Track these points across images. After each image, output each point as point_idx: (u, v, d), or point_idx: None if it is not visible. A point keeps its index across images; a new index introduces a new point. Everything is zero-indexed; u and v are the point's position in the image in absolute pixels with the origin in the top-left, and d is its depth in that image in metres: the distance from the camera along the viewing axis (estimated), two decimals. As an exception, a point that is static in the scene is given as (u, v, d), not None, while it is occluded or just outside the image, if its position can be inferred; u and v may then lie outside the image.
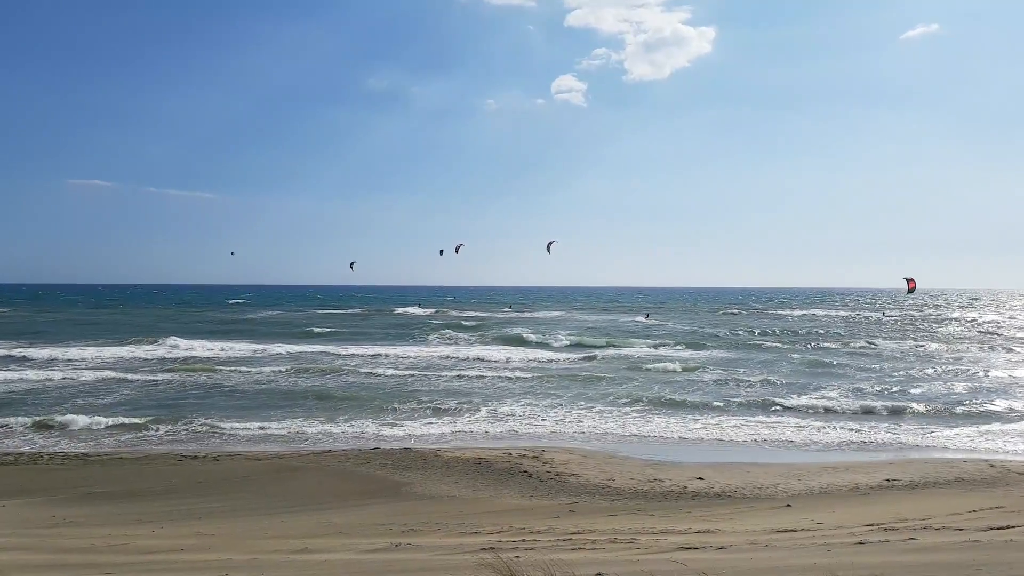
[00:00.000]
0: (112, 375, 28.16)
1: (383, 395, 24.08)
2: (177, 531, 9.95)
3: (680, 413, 21.23)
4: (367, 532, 9.64)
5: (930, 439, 17.90)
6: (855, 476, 13.88)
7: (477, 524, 9.97)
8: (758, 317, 73.26)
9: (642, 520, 10.15)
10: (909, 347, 41.16)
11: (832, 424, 19.62)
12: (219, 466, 15.10)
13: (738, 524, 9.66)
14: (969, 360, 34.85)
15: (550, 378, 28.08)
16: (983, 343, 43.77)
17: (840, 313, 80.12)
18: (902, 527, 8.93)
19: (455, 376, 28.64)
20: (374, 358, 34.98)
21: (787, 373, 29.94)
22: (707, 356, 36.71)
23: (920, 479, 13.54)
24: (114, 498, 12.63)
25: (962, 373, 29.92)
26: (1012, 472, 13.85)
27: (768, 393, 24.66)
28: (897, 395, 24.53)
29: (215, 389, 25.39)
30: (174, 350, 37.25)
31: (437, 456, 15.70)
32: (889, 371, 30.70)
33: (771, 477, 13.88)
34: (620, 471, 14.47)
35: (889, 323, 63.15)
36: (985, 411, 21.43)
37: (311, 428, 19.14)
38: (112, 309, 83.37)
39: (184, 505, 12.08)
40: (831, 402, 22.73)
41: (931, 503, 11.08)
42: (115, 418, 19.68)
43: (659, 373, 30.01)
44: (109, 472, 14.72)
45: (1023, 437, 17.96)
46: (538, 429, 19.18)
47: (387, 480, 13.77)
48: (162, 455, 16.33)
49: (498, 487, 13.32)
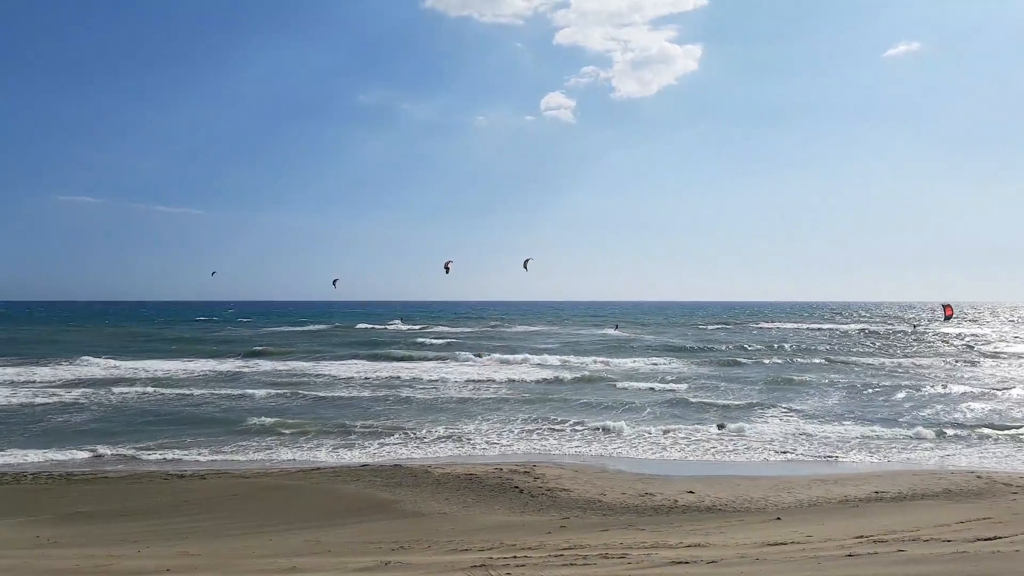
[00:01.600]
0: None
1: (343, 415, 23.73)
2: (162, 551, 9.82)
3: (635, 423, 21.34)
4: (356, 550, 9.56)
5: (917, 452, 17.98)
6: (844, 488, 13.93)
7: (468, 541, 9.92)
8: (736, 331, 73.48)
9: (633, 535, 10.13)
10: (892, 362, 41.41)
11: (801, 443, 19.57)
12: (205, 484, 14.95)
13: (729, 538, 9.65)
14: (949, 373, 35.14)
15: (504, 395, 27.88)
16: (963, 357, 44.06)
17: (824, 327, 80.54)
18: (891, 539, 8.95)
19: (408, 393, 28.07)
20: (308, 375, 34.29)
21: (753, 386, 30.07)
22: (665, 366, 37.61)
23: (908, 491, 13.60)
24: (99, 518, 12.47)
25: (944, 386, 30.12)
26: (998, 483, 13.94)
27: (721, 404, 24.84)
28: (877, 407, 24.67)
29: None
30: (83, 368, 35.63)
31: (427, 472, 15.62)
32: (866, 385, 30.86)
33: (761, 490, 13.90)
34: (611, 485, 14.44)
35: (884, 337, 63.54)
36: (970, 423, 21.57)
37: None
38: (50, 326, 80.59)
39: (170, 524, 11.94)
40: (802, 416, 22.78)
41: (919, 515, 11.12)
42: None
43: (607, 386, 30.08)
44: (94, 491, 14.53)
45: (1008, 448, 18.09)
46: (500, 447, 19.12)
47: (377, 497, 13.67)
48: (147, 473, 16.16)
49: (489, 503, 13.26)
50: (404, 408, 24.81)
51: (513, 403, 25.64)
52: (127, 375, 33.72)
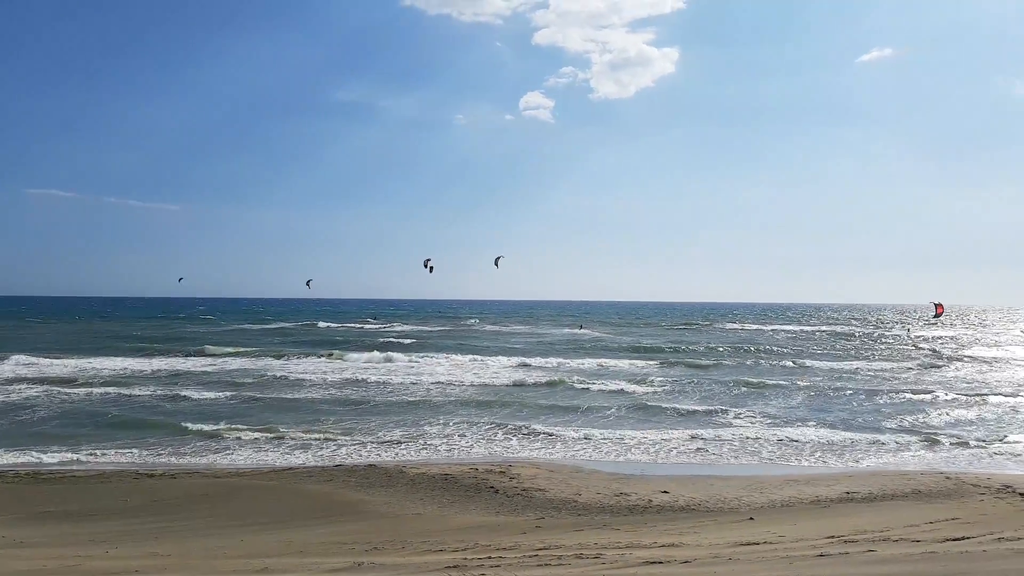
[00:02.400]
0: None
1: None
2: (132, 551, 9.68)
3: (598, 426, 21.33)
4: (329, 551, 9.48)
5: (886, 453, 18.22)
6: (815, 489, 14.07)
7: (443, 541, 9.88)
8: (705, 331, 74.12)
9: (608, 535, 10.15)
10: (859, 365, 41.94)
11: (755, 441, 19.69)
12: (176, 484, 14.76)
13: (702, 538, 9.71)
14: (916, 376, 35.68)
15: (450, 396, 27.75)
16: (929, 360, 44.72)
17: (796, 328, 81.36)
18: (861, 539, 9.06)
19: (362, 394, 27.83)
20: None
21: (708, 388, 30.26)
22: (614, 366, 38.07)
23: (879, 491, 13.77)
24: (67, 517, 12.25)
25: (911, 389, 30.58)
26: (967, 484, 14.16)
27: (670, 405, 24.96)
28: (844, 409, 24.99)
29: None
30: (21, 368, 34.27)
31: (402, 472, 15.54)
32: (832, 388, 31.25)
33: (734, 490, 14.00)
34: (586, 485, 14.47)
35: (853, 338, 64.30)
36: (938, 425, 21.92)
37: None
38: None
39: (139, 524, 11.77)
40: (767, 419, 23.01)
41: (889, 515, 11.26)
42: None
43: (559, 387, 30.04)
44: (62, 491, 14.27)
45: (977, 450, 18.39)
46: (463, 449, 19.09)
47: (350, 497, 13.58)
48: (117, 472, 15.91)
49: (464, 503, 13.22)
50: (354, 409, 24.48)
51: (472, 404, 25.34)
52: (69, 374, 32.31)
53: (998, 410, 24.34)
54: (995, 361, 42.21)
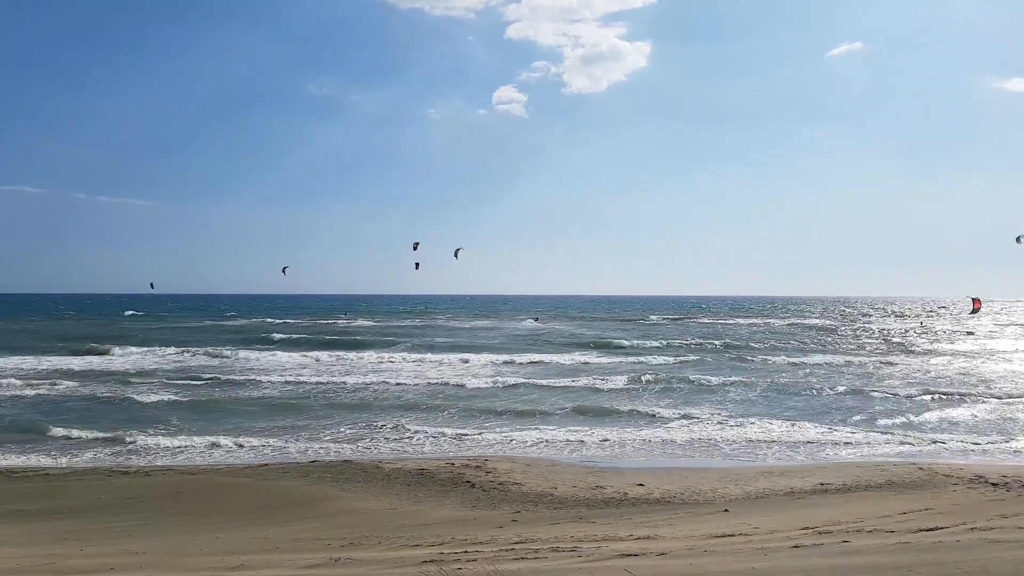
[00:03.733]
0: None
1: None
2: (106, 549, 9.55)
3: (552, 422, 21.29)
4: (305, 547, 9.42)
5: (860, 445, 18.45)
6: (790, 480, 14.22)
7: (419, 536, 9.85)
8: (675, 326, 74.76)
9: (584, 528, 10.18)
10: (832, 358, 42.45)
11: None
12: (151, 480, 14.59)
13: (678, 530, 9.77)
14: (889, 369, 36.16)
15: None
16: (902, 350, 45.39)
17: (765, 321, 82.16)
18: (836, 530, 9.17)
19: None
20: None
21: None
22: (585, 361, 38.35)
23: (852, 482, 13.94)
24: (39, 516, 12.04)
25: (886, 380, 31.02)
26: (939, 475, 14.38)
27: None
28: (814, 401, 25.29)
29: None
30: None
31: (378, 468, 15.48)
32: (801, 380, 31.60)
33: (709, 482, 14.11)
34: (562, 479, 14.51)
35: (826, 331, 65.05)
36: (914, 416, 22.23)
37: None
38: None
39: (114, 522, 11.61)
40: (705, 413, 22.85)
41: (863, 506, 11.41)
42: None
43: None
44: (34, 488, 14.05)
45: (949, 441, 18.68)
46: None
47: (326, 493, 13.50)
48: (90, 470, 15.70)
49: (440, 498, 13.20)
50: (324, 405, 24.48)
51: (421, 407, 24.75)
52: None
53: (975, 402, 24.70)
54: (974, 355, 42.71)
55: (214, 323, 76.12)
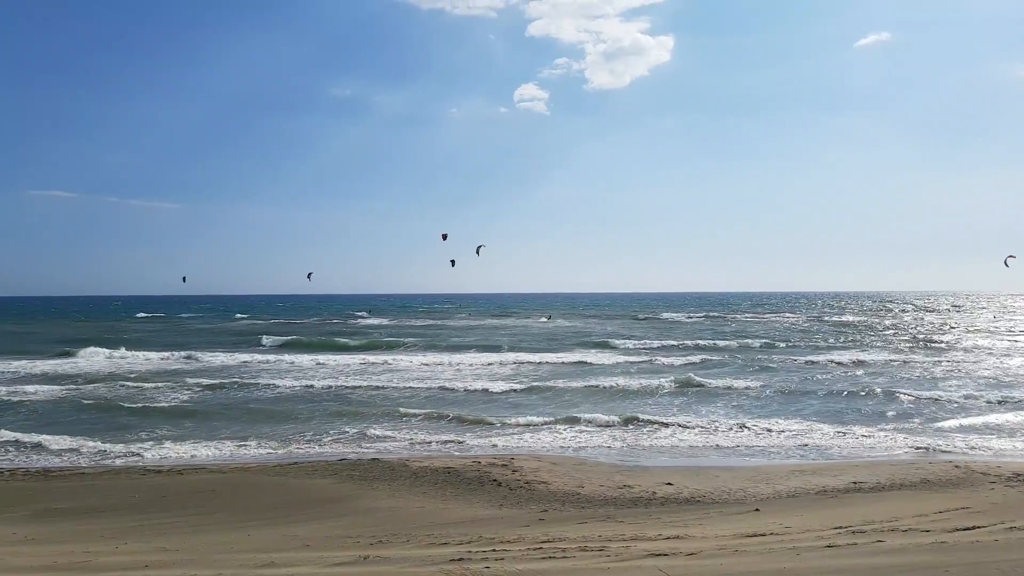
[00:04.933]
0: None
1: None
2: (140, 547, 9.70)
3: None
4: (334, 545, 9.48)
5: (893, 443, 18.14)
6: (822, 479, 14.02)
7: (446, 534, 9.86)
8: (703, 324, 73.58)
9: (612, 527, 10.12)
10: (860, 355, 41.80)
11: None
12: (183, 479, 14.77)
13: (707, 529, 9.67)
14: (921, 366, 35.51)
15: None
16: (924, 348, 44.49)
17: (792, 317, 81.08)
18: (870, 530, 9.01)
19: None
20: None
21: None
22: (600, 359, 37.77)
23: (886, 481, 13.71)
24: (76, 514, 12.28)
25: (916, 377, 30.48)
26: (976, 472, 14.09)
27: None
28: (844, 397, 24.91)
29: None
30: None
31: (405, 466, 15.54)
32: (831, 377, 31.14)
33: (739, 481, 13.96)
34: (589, 478, 14.44)
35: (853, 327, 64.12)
36: (947, 413, 21.82)
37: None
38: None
39: (148, 520, 11.77)
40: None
41: (897, 505, 11.20)
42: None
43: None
44: (71, 487, 14.31)
45: (986, 438, 18.29)
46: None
47: (354, 491, 13.58)
48: (125, 469, 15.96)
49: (467, 496, 13.21)
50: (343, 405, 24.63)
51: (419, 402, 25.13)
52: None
53: (1009, 398, 24.18)
54: (1004, 351, 41.84)
55: (238, 324, 77.18)
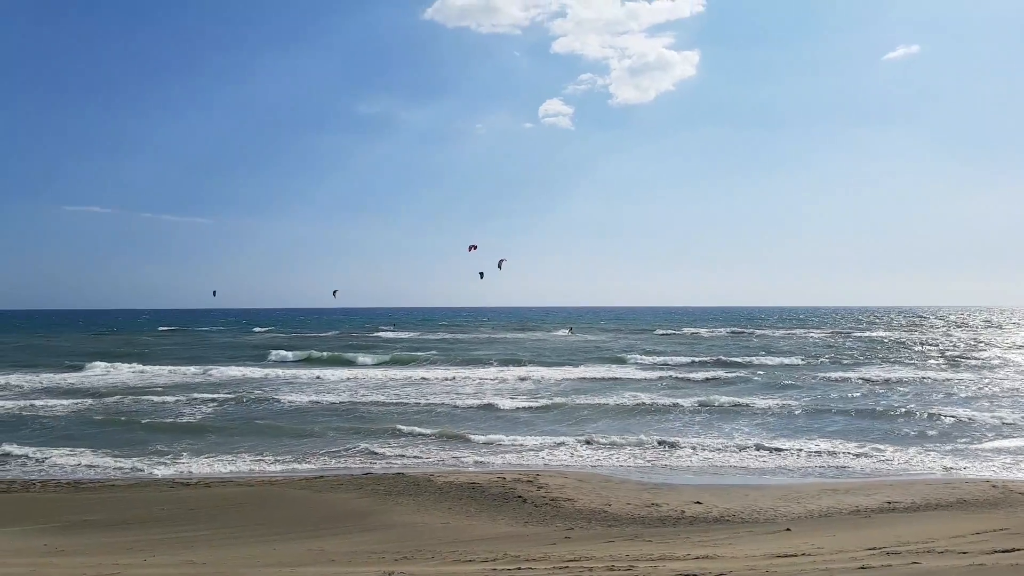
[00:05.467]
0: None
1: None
2: (168, 560, 9.75)
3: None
4: (359, 560, 9.45)
5: (930, 459, 17.73)
6: (855, 499, 13.73)
7: (471, 551, 9.79)
8: (727, 339, 72.84)
9: (640, 546, 9.98)
10: (892, 372, 41.04)
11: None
12: (211, 492, 14.87)
13: (737, 549, 9.50)
14: (953, 384, 34.77)
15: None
16: (959, 365, 43.55)
17: (819, 334, 79.85)
18: (904, 551, 8.78)
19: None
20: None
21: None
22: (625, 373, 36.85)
23: (921, 501, 13.40)
24: (105, 526, 12.41)
25: (947, 395, 29.84)
26: (1015, 493, 13.72)
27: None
28: (878, 416, 24.43)
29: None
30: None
31: (430, 481, 15.49)
32: (863, 394, 30.58)
33: (769, 500, 13.72)
34: (616, 496, 14.28)
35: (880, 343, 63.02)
36: (979, 432, 21.31)
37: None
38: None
39: (175, 533, 11.86)
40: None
41: (933, 526, 10.93)
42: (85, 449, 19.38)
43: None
44: (101, 500, 14.47)
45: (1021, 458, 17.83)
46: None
47: (379, 506, 13.56)
48: (154, 482, 16.11)
49: (492, 512, 13.12)
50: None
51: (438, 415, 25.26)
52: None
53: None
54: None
55: (256, 337, 77.86)
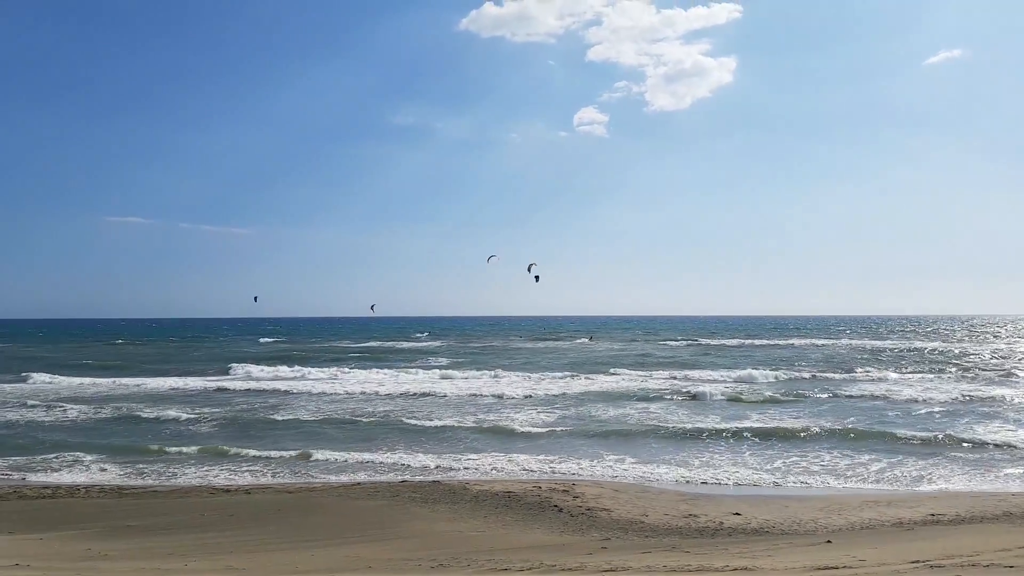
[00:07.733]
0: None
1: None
2: (208, 565, 9.90)
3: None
4: (396, 567, 9.52)
5: (973, 473, 17.30)
6: (898, 511, 13.46)
7: (507, 560, 9.80)
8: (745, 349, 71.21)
9: (677, 557, 9.90)
10: (934, 384, 40.09)
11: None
12: (250, 499, 15.10)
13: (777, 561, 9.37)
14: (1001, 393, 33.84)
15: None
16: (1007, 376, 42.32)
17: (860, 343, 78.28)
18: (949, 564, 8.59)
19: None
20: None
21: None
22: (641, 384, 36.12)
23: (966, 513, 13.08)
24: (147, 531, 12.64)
25: (990, 405, 29.07)
26: (1063, 507, 13.33)
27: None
28: (921, 427, 23.89)
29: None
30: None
31: (466, 489, 15.54)
32: (902, 405, 29.92)
33: (810, 512, 13.52)
34: (653, 506, 14.19)
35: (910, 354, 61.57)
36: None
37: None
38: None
39: (216, 538, 12.05)
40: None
41: (979, 539, 10.66)
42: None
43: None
44: (143, 505, 14.78)
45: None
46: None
47: (415, 513, 13.64)
48: (195, 488, 16.40)
49: (528, 521, 13.12)
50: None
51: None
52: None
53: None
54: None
55: (274, 346, 79.07)
